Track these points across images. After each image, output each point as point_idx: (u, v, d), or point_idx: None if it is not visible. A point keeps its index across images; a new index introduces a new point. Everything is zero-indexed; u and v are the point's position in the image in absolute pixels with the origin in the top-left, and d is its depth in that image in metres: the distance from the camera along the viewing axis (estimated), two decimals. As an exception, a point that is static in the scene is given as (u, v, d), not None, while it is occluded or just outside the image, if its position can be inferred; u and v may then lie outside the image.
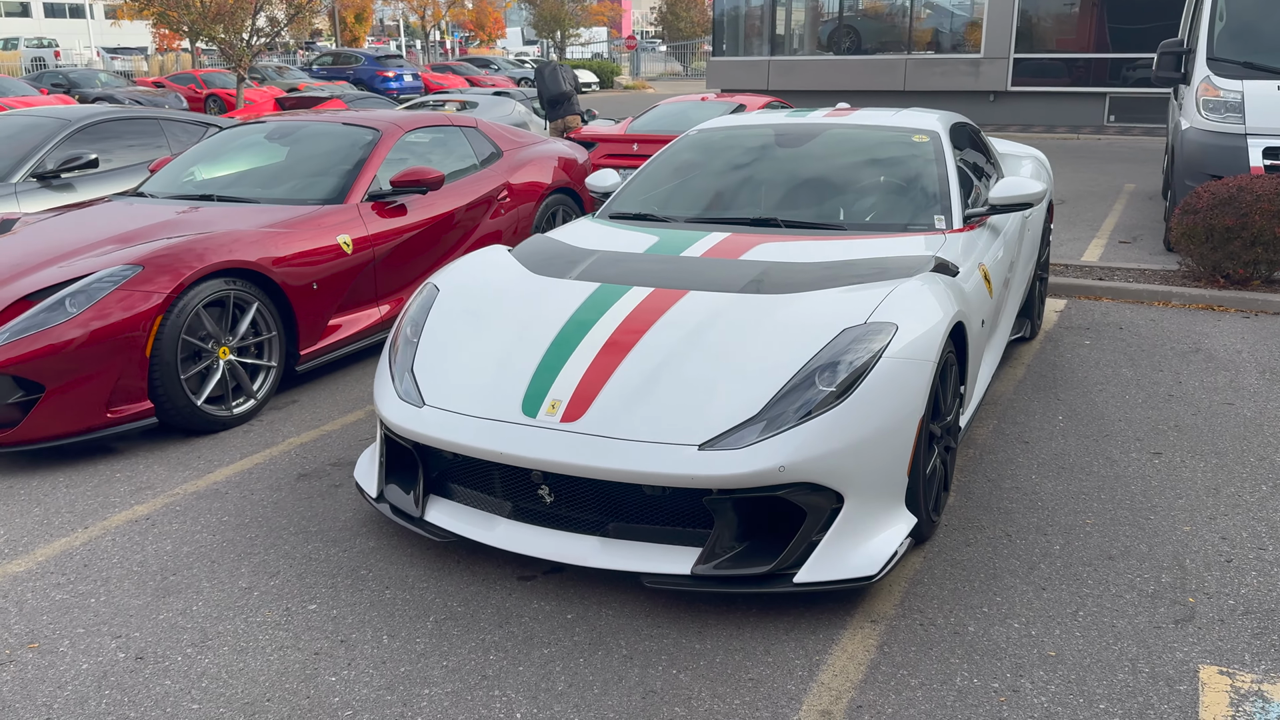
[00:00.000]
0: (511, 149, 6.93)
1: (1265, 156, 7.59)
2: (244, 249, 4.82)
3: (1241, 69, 8.02)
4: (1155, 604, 3.15)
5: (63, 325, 4.26)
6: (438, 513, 3.43)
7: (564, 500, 3.21)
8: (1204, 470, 4.12)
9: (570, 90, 11.30)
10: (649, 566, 3.07)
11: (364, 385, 5.39)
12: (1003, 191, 4.46)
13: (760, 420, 3.01)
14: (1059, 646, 2.93)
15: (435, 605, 3.23)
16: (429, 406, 3.37)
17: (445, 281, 3.95)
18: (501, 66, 39.19)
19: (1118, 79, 19.86)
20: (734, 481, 2.93)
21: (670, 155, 5.18)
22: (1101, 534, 3.60)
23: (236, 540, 3.70)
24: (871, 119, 5.13)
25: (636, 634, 3.04)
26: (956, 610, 3.13)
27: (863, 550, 3.05)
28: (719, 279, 3.73)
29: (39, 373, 4.23)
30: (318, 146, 6.05)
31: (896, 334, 3.20)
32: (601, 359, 3.32)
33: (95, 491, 4.14)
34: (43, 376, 4.23)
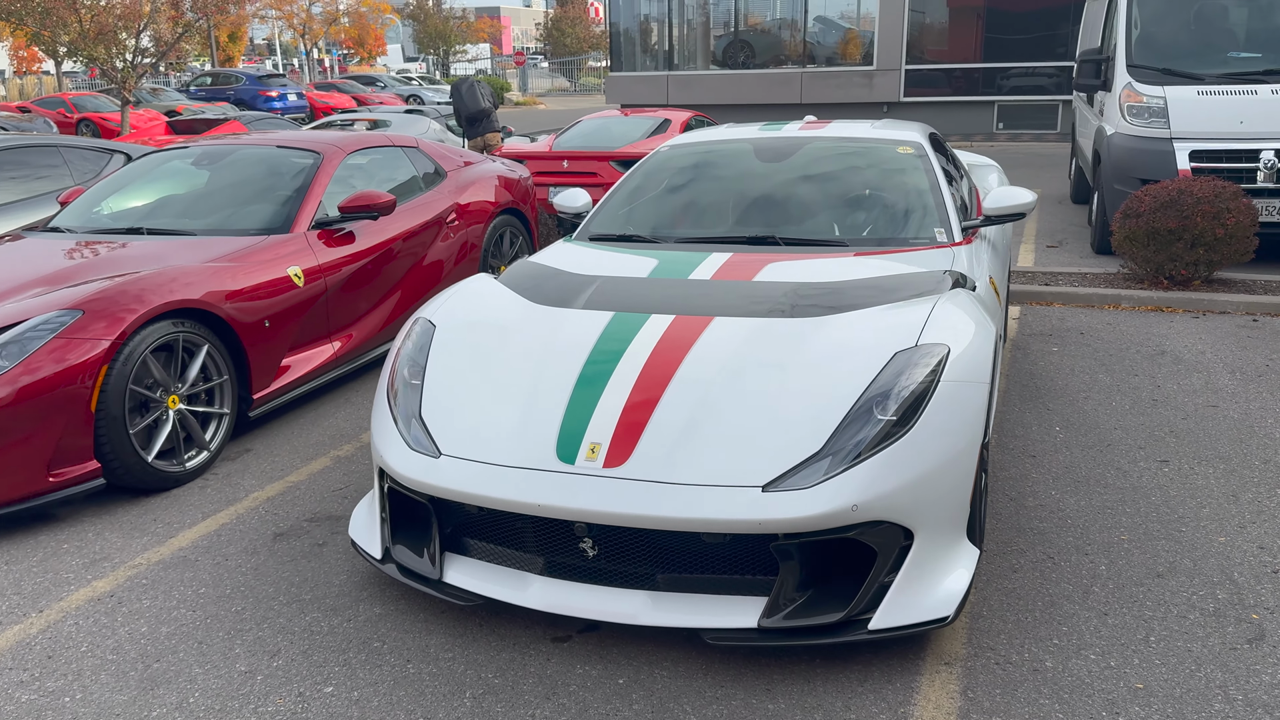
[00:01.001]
0: (454, 169, 6.60)
1: (1192, 160, 7.80)
2: (191, 286, 4.39)
3: (1160, 75, 8.24)
4: (1221, 623, 3.05)
5: (-5, 380, 3.78)
6: (457, 573, 3.11)
7: (608, 553, 2.94)
8: (1215, 477, 4.10)
9: (490, 107, 10.97)
10: (709, 621, 2.82)
11: (321, 429, 4.98)
12: (997, 202, 4.38)
13: (824, 456, 2.80)
14: (1144, 678, 2.80)
15: (469, 678, 2.91)
16: (447, 456, 3.05)
17: (441, 316, 3.63)
18: (388, 84, 38.31)
19: (1004, 88, 20.52)
20: (804, 524, 2.71)
21: (645, 173, 4.95)
22: (1141, 550, 3.51)
23: (221, 615, 3.30)
24: (849, 131, 5.01)
25: (700, 697, 2.79)
26: (1027, 644, 2.98)
27: (936, 589, 2.86)
28: (741, 303, 3.51)
29: (-33, 436, 3.73)
30: (253, 172, 5.61)
31: (950, 356, 3.03)
32: (638, 395, 3.06)
33: (42, 567, 3.67)
34: (-28, 440, 3.74)
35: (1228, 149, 7.72)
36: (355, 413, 5.20)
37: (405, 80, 41.20)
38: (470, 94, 10.88)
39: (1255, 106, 7.78)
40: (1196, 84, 8.06)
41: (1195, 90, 8.01)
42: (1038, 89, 20.30)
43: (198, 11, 14.25)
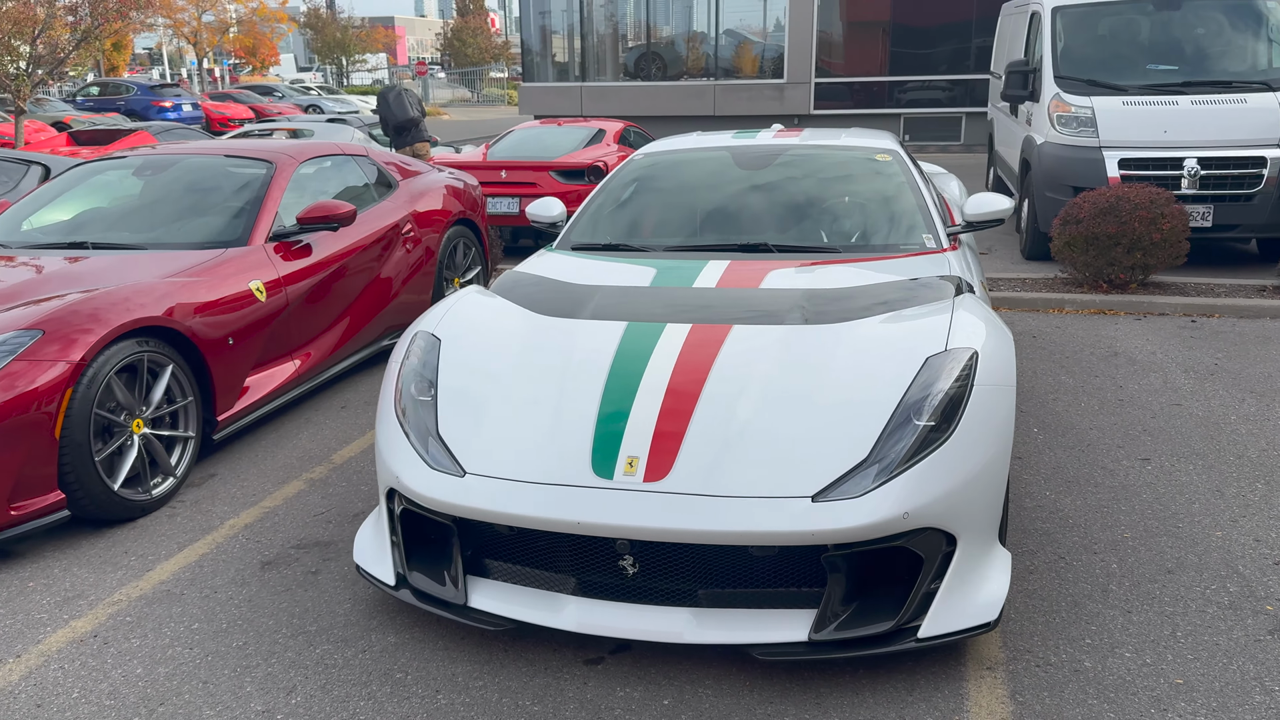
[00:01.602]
0: (405, 178, 6.41)
1: (1121, 167, 8.08)
2: (154, 303, 4.14)
3: (1087, 86, 8.54)
4: (1240, 616, 3.12)
5: (-50, 408, 3.48)
6: (482, 597, 2.98)
7: (648, 570, 2.84)
8: (1196, 473, 4.21)
9: (418, 116, 10.74)
10: (757, 637, 2.75)
11: (287, 451, 4.75)
12: (977, 208, 4.44)
13: (870, 464, 2.77)
14: (1181, 673, 2.84)
15: (505, 707, 2.78)
16: (472, 475, 2.92)
17: (445, 330, 3.48)
18: (285, 94, 37.31)
19: (909, 101, 21.08)
20: (857, 534, 2.66)
21: (623, 181, 4.88)
22: (1146, 548, 3.57)
23: (223, 651, 3.09)
24: (826, 139, 5.02)
25: (750, 714, 2.72)
26: (1062, 645, 2.99)
27: (979, 594, 2.85)
28: (755, 311, 3.46)
29: (-80, 469, 3.43)
30: (201, 183, 5.34)
31: (979, 360, 3.04)
32: (670, 406, 2.98)
33: (9, 608, 3.39)
34: (-74, 473, 3.44)
35: (1154, 157, 8.03)
36: (319, 433, 4.98)
37: (304, 90, 40.16)
38: (398, 103, 10.63)
39: (1178, 116, 8.12)
40: (1121, 95, 8.38)
41: (1120, 101, 8.32)
42: (941, 102, 20.90)
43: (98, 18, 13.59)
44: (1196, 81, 8.36)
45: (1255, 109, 8.03)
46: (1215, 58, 8.55)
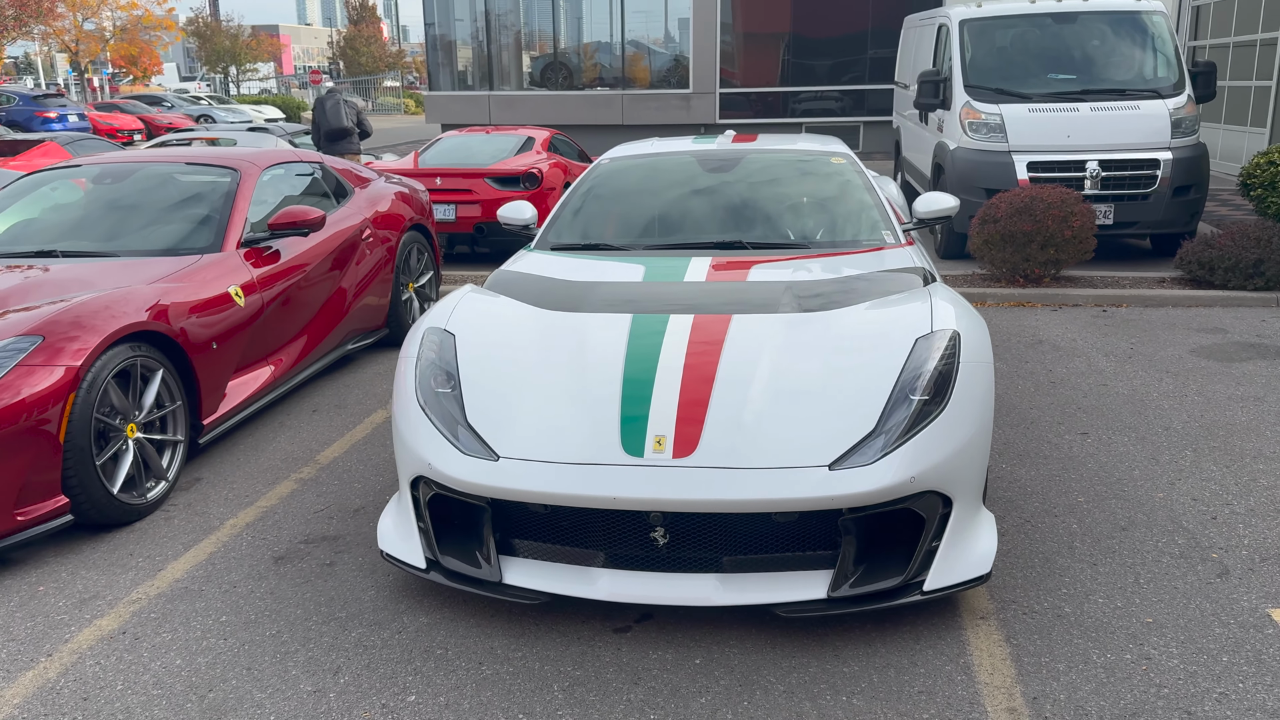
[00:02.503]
0: (358, 184, 6.48)
1: (1029, 170, 8.65)
2: (146, 308, 4.18)
3: (995, 94, 9.10)
4: (1190, 563, 3.51)
5: (-44, 414, 3.48)
6: (516, 574, 3.15)
7: (676, 540, 3.06)
8: (1131, 444, 4.64)
9: (352, 126, 10.71)
10: (781, 596, 3.00)
11: (269, 453, 4.81)
12: (927, 206, 4.79)
13: (877, 435, 3.04)
14: (1149, 613, 3.19)
15: (549, 673, 2.97)
16: (507, 459, 3.09)
17: (457, 326, 3.64)
18: (175, 104, 36.24)
19: (809, 110, 21.77)
20: (870, 498, 2.93)
21: (594, 184, 5.09)
22: (1099, 509, 3.95)
23: (259, 640, 3.19)
24: (783, 144, 5.33)
25: (777, 668, 2.96)
26: (1042, 595, 3.32)
27: (973, 550, 3.16)
28: (749, 302, 3.72)
29: (-72, 476, 3.43)
30: (166, 190, 5.34)
31: (962, 340, 3.35)
32: (689, 388, 3.21)
33: (25, 611, 3.41)
34: (-67, 480, 3.44)
35: (1059, 160, 8.62)
36: (296, 436, 5.04)
37: (193, 100, 39.07)
38: (334, 111, 10.60)
39: (1079, 122, 8.73)
40: (1026, 102, 8.96)
41: (1026, 108, 8.90)
42: (839, 111, 21.65)
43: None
44: (1094, 90, 9.00)
45: (1148, 115, 8.69)
46: (1109, 68, 9.21)
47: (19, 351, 3.69)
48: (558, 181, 9.78)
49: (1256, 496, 4.03)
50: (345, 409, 5.44)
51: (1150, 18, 9.32)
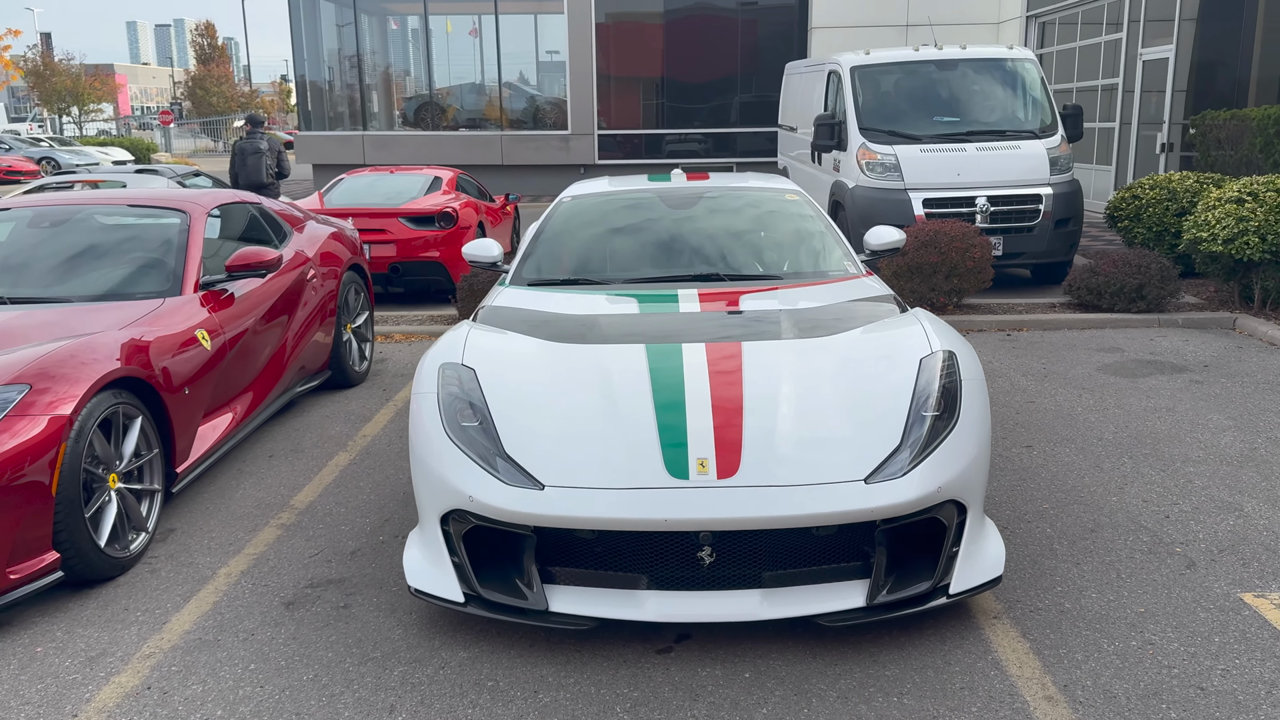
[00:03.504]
0: (295, 225, 6.38)
1: (925, 206, 9.20)
2: (126, 353, 4.04)
3: (888, 136, 9.66)
4: (1160, 558, 3.85)
5: (-53, 470, 3.30)
6: (560, 602, 3.20)
7: (721, 559, 3.18)
8: (1074, 454, 5.02)
9: (271, 180, 10.53)
10: (822, 608, 3.15)
11: (239, 501, 4.67)
12: (878, 239, 5.10)
13: (903, 448, 3.25)
14: (1141, 604, 3.49)
15: (607, 696, 3.03)
16: (552, 488, 3.15)
17: (475, 360, 3.67)
18: (13, 146, 34.26)
19: (684, 151, 22.35)
20: (903, 508, 3.13)
21: (560, 222, 5.19)
22: (1066, 515, 4.27)
23: (298, 686, 3.13)
24: (737, 183, 5.57)
25: (824, 676, 3.11)
26: (1040, 594, 3.58)
27: (986, 554, 3.39)
28: (750, 329, 3.90)
29: (-82, 537, 3.23)
30: (113, 234, 5.16)
31: (959, 359, 3.61)
32: (721, 413, 3.35)
33: (32, 674, 3.25)
34: (-77, 541, 3.25)
35: (951, 196, 9.20)
36: (261, 482, 4.92)
37: (32, 141, 36.96)
38: (255, 165, 10.41)
39: (967, 161, 9.35)
40: (917, 143, 9.54)
41: (918, 149, 9.48)
42: (712, 152, 22.31)
43: None
44: (977, 131, 9.66)
45: (1028, 154, 9.39)
46: (988, 111, 9.90)
47: (7, 402, 3.52)
48: (472, 221, 9.80)
49: (1196, 496, 4.44)
50: (303, 453, 5.33)
51: (1022, 64, 10.09)
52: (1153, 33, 13.98)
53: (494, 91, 22.82)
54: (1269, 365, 6.64)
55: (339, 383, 6.45)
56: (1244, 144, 10.31)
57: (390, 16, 23.50)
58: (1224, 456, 4.92)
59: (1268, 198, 7.70)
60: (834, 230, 5.13)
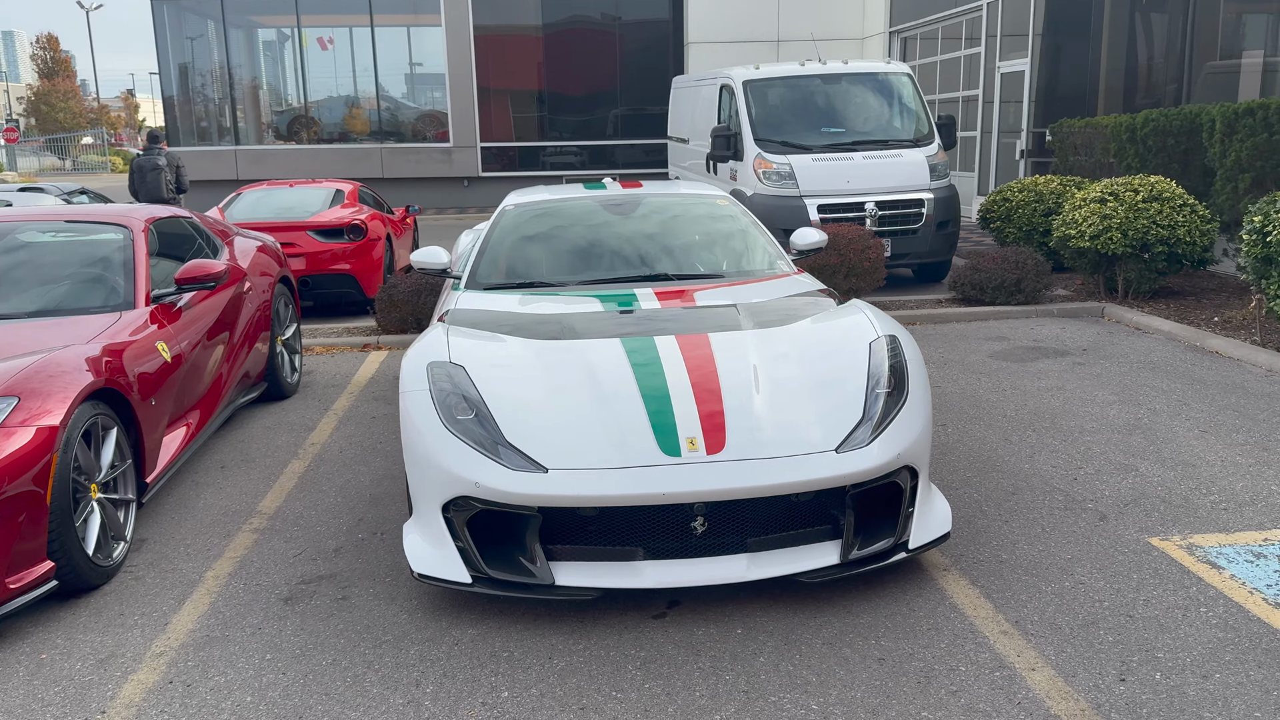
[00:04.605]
0: (224, 238, 6.41)
1: (820, 211, 9.76)
2: (101, 366, 4.09)
3: (781, 146, 10.20)
4: (1075, 513, 4.35)
5: (-52, 482, 3.33)
6: (565, 576, 3.46)
7: (712, 528, 3.49)
8: (983, 430, 5.54)
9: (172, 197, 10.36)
10: (802, 566, 3.50)
11: (204, 510, 4.73)
12: (803, 239, 5.53)
13: (865, 422, 3.64)
14: (1068, 553, 3.97)
15: (616, 657, 3.30)
16: (556, 470, 3.41)
17: (462, 358, 3.89)
18: None
19: (566, 164, 22.64)
20: (870, 474, 3.51)
21: (507, 228, 5.43)
22: (986, 481, 4.76)
23: (320, 670, 3.29)
24: (670, 190, 5.91)
25: (806, 627, 3.46)
26: (979, 548, 4.03)
27: (936, 513, 3.82)
28: (710, 321, 4.23)
29: (-79, 549, 3.26)
30: (52, 250, 5.12)
31: (902, 341, 4.04)
32: (702, 396, 3.66)
33: (43, 679, 3.31)
34: (-74, 553, 3.27)
35: (843, 202, 9.79)
36: (221, 492, 4.98)
37: None
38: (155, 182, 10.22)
39: (855, 169, 9.96)
40: (809, 153, 10.11)
41: (810, 158, 10.05)
42: (593, 164, 22.67)
43: None
44: (862, 141, 10.30)
45: (910, 162, 10.07)
46: (870, 122, 10.57)
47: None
48: (380, 233, 9.87)
49: (1097, 461, 4.99)
50: (254, 462, 5.39)
51: (899, 78, 10.80)
52: (1009, 47, 15.05)
53: (371, 104, 22.64)
54: (1138, 347, 7.39)
55: (273, 394, 6.49)
56: (1097, 149, 11.29)
57: (260, 29, 23.03)
58: (1114, 426, 5.52)
59: (1126, 197, 8.52)
60: (764, 232, 5.52)
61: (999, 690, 3.05)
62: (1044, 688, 3.06)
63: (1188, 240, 8.34)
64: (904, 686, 3.09)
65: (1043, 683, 3.09)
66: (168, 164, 11.63)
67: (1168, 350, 7.25)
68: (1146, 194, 8.49)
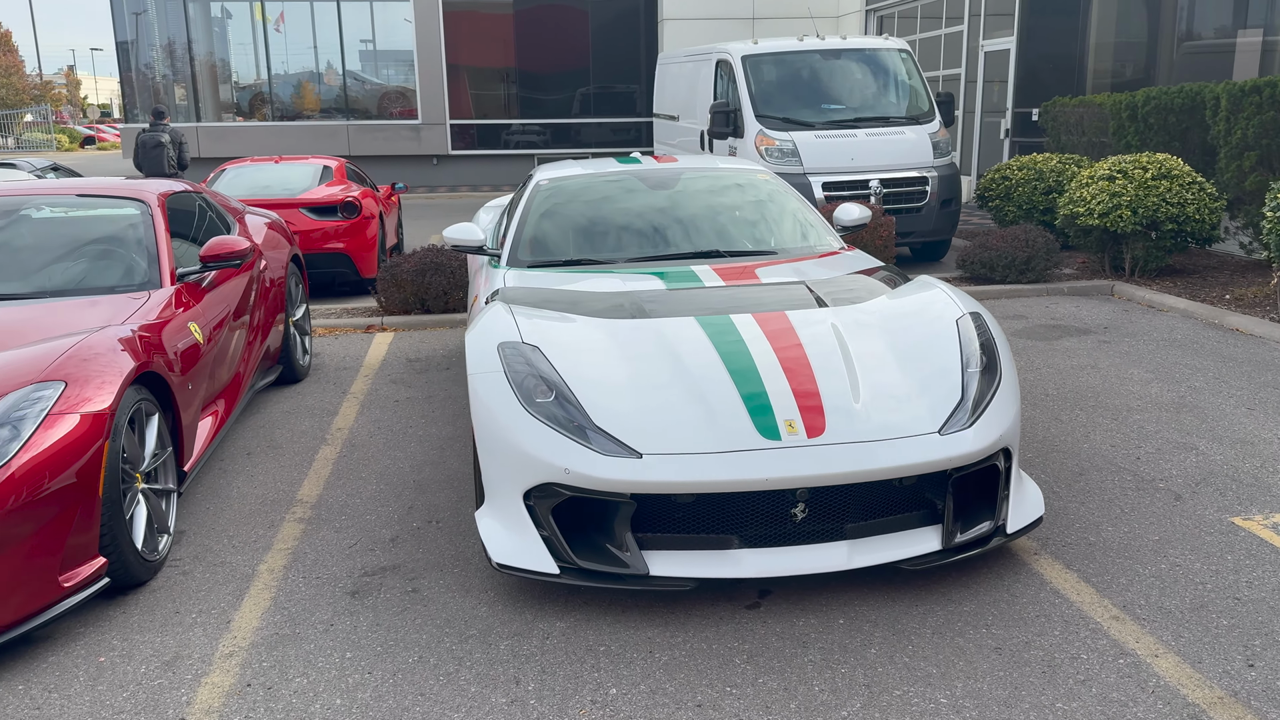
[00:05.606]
0: (237, 216, 6.12)
1: (824, 189, 9.63)
2: (140, 348, 3.83)
3: (783, 123, 10.05)
4: (1147, 493, 4.27)
5: (-3, 473, 3.07)
6: (659, 565, 3.30)
7: (812, 514, 3.35)
8: (1031, 409, 5.45)
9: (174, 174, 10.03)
10: (904, 553, 3.37)
11: (237, 500, 4.49)
12: (846, 215, 5.38)
13: (965, 402, 3.50)
14: (1155, 534, 3.88)
15: (721, 651, 3.15)
16: (651, 455, 3.24)
17: (532, 337, 3.69)
18: None
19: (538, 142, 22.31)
20: (973, 456, 3.38)
21: (544, 204, 5.21)
22: (1052, 463, 4.66)
23: (408, 669, 3.10)
24: (708, 163, 5.73)
25: (910, 616, 3.33)
26: (1065, 531, 3.92)
27: (1029, 494, 3.71)
28: (781, 299, 4.07)
29: (-29, 546, 3.00)
30: (68, 226, 4.82)
31: (980, 316, 3.91)
32: (794, 377, 3.50)
33: (108, 683, 3.08)
34: (-23, 550, 3.02)
35: (848, 179, 9.67)
36: (254, 479, 4.73)
37: None
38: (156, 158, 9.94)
39: (858, 146, 9.85)
40: (811, 130, 9.97)
41: (813, 134, 9.91)
42: (567, 141, 22.37)
43: None
44: (864, 118, 10.18)
45: (913, 139, 9.98)
46: (871, 98, 10.45)
47: (45, 400, 3.30)
48: (374, 211, 9.57)
49: (1154, 440, 4.93)
50: (281, 449, 5.15)
51: (900, 55, 10.69)
52: (993, 25, 15.02)
53: (339, 80, 22.11)
54: (1158, 324, 7.37)
55: (287, 378, 6.23)
56: (1090, 128, 11.28)
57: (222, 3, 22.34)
58: (1160, 404, 5.47)
59: (1136, 174, 8.49)
60: (810, 207, 5.37)
61: (1128, 678, 2.95)
62: (1173, 675, 2.96)
63: (1197, 218, 8.34)
64: (1030, 677, 2.97)
65: (1170, 669, 2.99)
66: (170, 140, 11.74)
67: (1189, 328, 7.23)
68: (1155, 171, 8.48)
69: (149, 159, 11.54)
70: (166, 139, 11.70)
